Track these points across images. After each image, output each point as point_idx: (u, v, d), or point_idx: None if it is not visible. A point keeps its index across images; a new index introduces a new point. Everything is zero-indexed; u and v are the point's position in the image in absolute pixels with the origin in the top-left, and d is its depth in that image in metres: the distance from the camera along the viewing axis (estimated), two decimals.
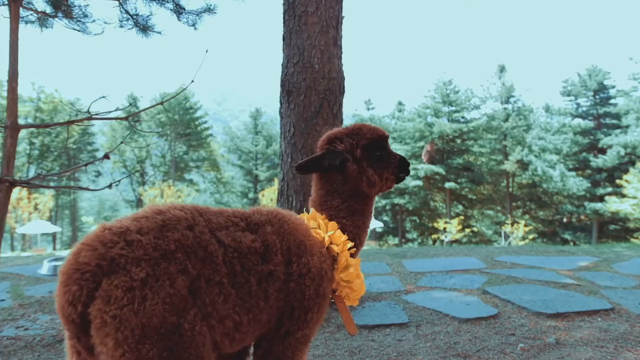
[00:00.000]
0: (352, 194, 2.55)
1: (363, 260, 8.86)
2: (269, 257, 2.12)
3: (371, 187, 2.54)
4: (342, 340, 4.94)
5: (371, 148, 2.55)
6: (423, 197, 51.63)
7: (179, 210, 2.02)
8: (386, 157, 2.59)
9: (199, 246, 1.93)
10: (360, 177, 2.51)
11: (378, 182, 2.54)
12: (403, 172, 2.65)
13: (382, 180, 2.55)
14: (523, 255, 9.26)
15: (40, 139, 55.68)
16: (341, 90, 5.95)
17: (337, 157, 2.50)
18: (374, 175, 2.52)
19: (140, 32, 6.13)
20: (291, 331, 2.20)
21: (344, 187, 2.54)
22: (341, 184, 2.54)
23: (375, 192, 2.57)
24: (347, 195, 2.54)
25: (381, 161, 2.57)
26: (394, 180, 2.61)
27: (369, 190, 2.54)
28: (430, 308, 5.81)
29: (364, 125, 2.62)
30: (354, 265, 2.43)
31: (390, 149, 2.65)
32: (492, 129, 49.76)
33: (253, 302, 2.03)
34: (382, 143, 2.59)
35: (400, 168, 2.63)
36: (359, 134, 2.57)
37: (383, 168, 2.56)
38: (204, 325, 1.87)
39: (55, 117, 54.27)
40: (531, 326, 5.13)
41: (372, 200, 2.64)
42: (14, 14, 4.99)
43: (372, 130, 2.59)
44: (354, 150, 2.53)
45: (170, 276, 1.80)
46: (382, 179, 2.55)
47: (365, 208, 2.60)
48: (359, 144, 2.54)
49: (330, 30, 5.87)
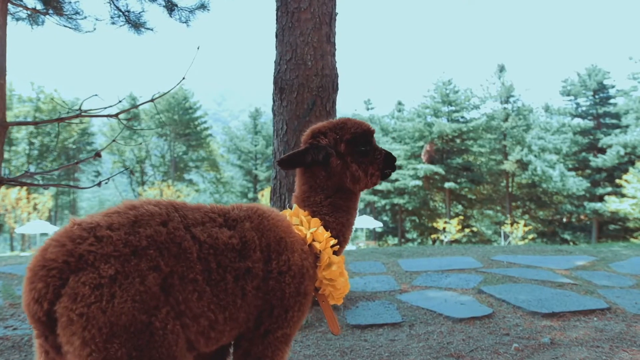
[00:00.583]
0: (336, 190, 2.48)
1: (358, 260, 8.81)
2: (246, 253, 2.06)
3: (355, 182, 2.47)
4: (333, 340, 4.88)
5: (355, 143, 2.48)
6: (423, 197, 51.57)
7: (153, 205, 1.96)
8: (371, 152, 2.53)
9: (173, 242, 1.87)
10: (344, 173, 2.45)
11: (363, 177, 2.47)
12: (389, 168, 2.57)
13: (366, 176, 2.49)
14: (520, 254, 9.20)
15: (40, 139, 55.65)
16: (334, 87, 5.89)
17: (321, 151, 2.44)
18: (358, 170, 2.46)
19: (132, 29, 6.07)
20: (271, 330, 2.14)
21: (328, 182, 2.47)
22: (324, 180, 2.47)
23: (359, 188, 2.50)
24: (331, 191, 2.48)
25: (366, 156, 2.50)
26: (379, 176, 2.54)
27: (353, 186, 2.48)
28: (425, 308, 5.75)
29: (349, 119, 2.55)
30: (337, 263, 2.37)
31: (375, 144, 2.59)
32: (492, 129, 49.69)
33: (229, 300, 1.97)
34: (367, 138, 2.52)
35: (385, 163, 2.56)
36: (343, 128, 2.50)
37: (368, 163, 2.50)
38: (177, 323, 1.82)
39: (55, 116, 54.20)
40: (526, 326, 5.07)
41: (357, 197, 2.58)
42: (2, 9, 4.92)
43: (356, 124, 2.52)
44: (337, 144, 2.47)
45: (141, 273, 1.74)
46: (367, 175, 2.49)
47: (350, 204, 2.53)
48: (343, 138, 2.47)
49: (324, 26, 5.80)
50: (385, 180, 2.64)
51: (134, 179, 64.02)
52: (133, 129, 4.82)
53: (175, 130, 64.22)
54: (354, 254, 9.86)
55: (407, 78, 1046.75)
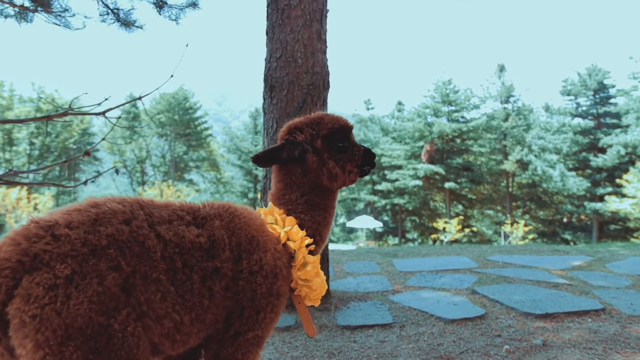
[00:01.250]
0: (312, 188, 2.41)
1: (353, 260, 8.74)
2: (215, 253, 1.99)
3: (332, 180, 2.40)
4: (322, 341, 4.81)
5: (333, 139, 2.41)
6: (423, 197, 51.43)
7: (117, 203, 1.90)
8: (349, 149, 2.46)
9: (135, 241, 1.81)
10: (320, 169, 2.38)
11: (340, 174, 2.40)
12: (367, 165, 2.50)
13: (344, 173, 2.42)
14: (516, 254, 9.12)
15: (41, 139, 55.65)
16: (325, 85, 5.81)
17: (297, 148, 2.37)
18: (336, 167, 2.39)
19: (122, 26, 6.00)
20: (241, 332, 2.08)
21: (304, 179, 2.40)
22: (300, 177, 2.41)
23: (337, 185, 2.43)
24: (307, 188, 2.41)
25: (344, 153, 2.43)
26: (358, 173, 2.47)
27: (330, 183, 2.41)
28: (417, 308, 5.68)
29: (326, 114, 2.48)
30: (313, 263, 2.30)
31: (354, 140, 2.51)
32: (492, 129, 49.51)
33: (196, 300, 1.90)
34: (344, 133, 2.44)
35: (364, 160, 2.49)
36: (319, 123, 2.43)
37: (346, 160, 2.43)
38: (139, 325, 1.75)
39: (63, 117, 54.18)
40: (518, 327, 4.99)
41: (334, 195, 2.51)
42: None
43: (334, 120, 2.45)
44: (314, 140, 2.40)
45: (100, 273, 1.68)
46: (345, 172, 2.42)
47: (327, 202, 2.46)
48: (319, 134, 2.40)
49: (314, 23, 5.73)
50: (363, 177, 2.56)
51: (134, 179, 64.09)
52: (122, 127, 4.76)
53: (176, 131, 64.18)
54: (349, 254, 9.80)
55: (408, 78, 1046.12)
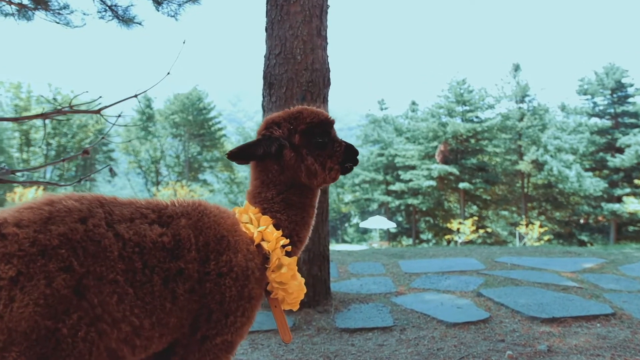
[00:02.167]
0: (290, 186, 2.29)
1: (358, 261, 8.60)
2: (179, 253, 1.88)
3: (312, 177, 2.27)
4: (319, 344, 4.69)
5: (311, 134, 2.28)
6: (437, 197, 51.09)
7: (74, 200, 1.79)
8: (330, 145, 2.31)
9: (91, 240, 1.70)
10: (298, 166, 2.25)
11: (320, 172, 2.26)
12: (350, 162, 2.36)
13: (324, 170, 2.27)
14: (525, 256, 8.90)
15: (57, 140, 56.33)
16: (325, 82, 5.69)
17: (273, 143, 2.25)
18: (315, 164, 2.25)
19: (121, 23, 5.95)
20: (209, 336, 1.96)
21: (280, 177, 2.28)
22: (277, 174, 2.28)
23: (317, 183, 2.30)
24: (284, 186, 2.28)
25: (323, 149, 2.29)
26: (339, 170, 2.33)
27: (309, 181, 2.28)
28: (419, 311, 5.52)
29: (305, 108, 2.35)
30: (288, 265, 2.17)
31: (335, 135, 2.38)
32: (507, 129, 48.98)
33: (157, 303, 1.79)
34: (324, 128, 2.31)
35: (346, 157, 2.34)
36: (298, 118, 2.30)
37: (326, 156, 2.29)
38: (92, 330, 1.64)
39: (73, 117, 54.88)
40: (523, 332, 4.82)
41: (314, 193, 2.37)
42: None
43: (313, 114, 2.32)
44: (292, 136, 2.27)
45: (48, 275, 1.57)
46: (325, 169, 2.28)
47: (305, 201, 2.33)
48: (297, 129, 2.27)
49: (314, 19, 5.61)
50: (345, 174, 2.42)
51: (149, 179, 64.60)
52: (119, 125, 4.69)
53: (190, 131, 64.52)
54: (355, 255, 9.65)
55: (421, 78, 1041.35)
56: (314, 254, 5.78)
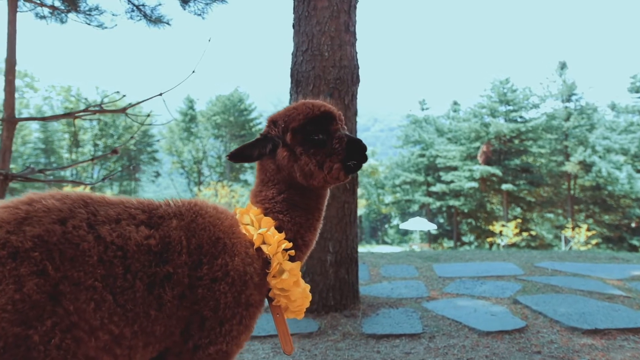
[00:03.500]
0: (290, 185, 2.12)
1: (391, 264, 8.37)
2: (168, 257, 1.75)
3: (308, 178, 2.05)
4: (344, 350, 4.52)
5: (306, 131, 2.06)
6: (479, 199, 49.97)
7: (56, 200, 1.69)
8: (329, 142, 2.07)
9: (69, 243, 1.60)
10: (291, 167, 2.06)
11: (316, 172, 2.03)
12: (354, 159, 2.07)
13: (322, 170, 2.03)
14: (568, 261, 8.45)
15: (104, 141, 58.16)
16: (354, 79, 5.52)
17: (268, 143, 2.11)
18: (309, 164, 2.03)
19: (149, 23, 5.97)
20: (201, 345, 1.82)
21: (277, 176, 2.13)
22: (274, 173, 2.13)
23: (316, 183, 2.07)
24: (284, 185, 2.12)
25: (321, 147, 2.05)
26: (341, 169, 2.05)
27: (306, 182, 2.07)
28: (450, 318, 5.28)
29: (304, 103, 2.15)
30: (290, 271, 2.01)
31: (338, 130, 2.11)
32: (552, 129, 47.39)
33: (139, 310, 1.67)
34: (321, 124, 2.07)
35: (349, 154, 2.06)
36: (291, 114, 2.11)
37: (324, 155, 2.04)
38: (68, 337, 1.54)
39: (118, 119, 56.67)
40: (562, 343, 4.51)
41: (320, 194, 2.17)
42: (12, 6, 4.90)
43: (308, 109, 2.09)
44: (285, 134, 2.10)
45: (19, 279, 1.48)
46: (323, 169, 2.03)
47: (309, 202, 2.14)
48: (288, 127, 2.08)
49: (342, 15, 5.45)
50: (352, 173, 2.13)
51: (191, 179, 65.90)
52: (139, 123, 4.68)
53: (231, 132, 65.43)
54: (388, 257, 9.41)
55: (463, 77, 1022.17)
56: (342, 256, 5.61)
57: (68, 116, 5.16)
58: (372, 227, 74.63)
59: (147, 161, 63.65)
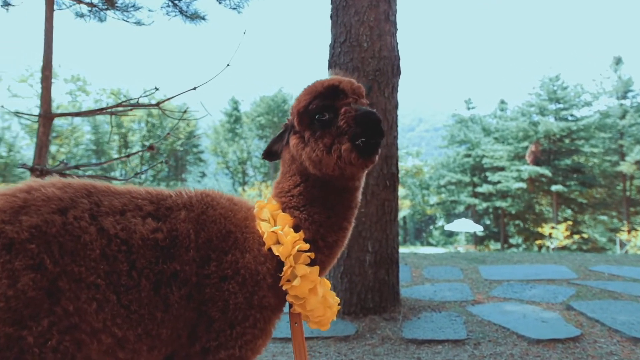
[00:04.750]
0: (307, 177, 1.84)
1: (435, 265, 8.04)
2: (175, 252, 1.58)
3: (318, 166, 1.75)
4: (382, 355, 4.28)
5: (309, 112, 1.77)
6: (527, 200, 48.47)
7: (57, 188, 1.55)
8: (335, 120, 1.72)
9: (69, 235, 1.45)
10: (299, 154, 1.81)
11: (325, 158, 1.71)
12: (362, 137, 1.67)
13: (329, 154, 1.70)
14: (627, 265, 7.89)
15: (151, 142, 59.76)
16: (395, 71, 5.28)
17: (285, 133, 1.93)
18: (317, 149, 1.72)
19: (186, 19, 5.91)
20: (210, 349, 1.64)
21: (292, 166, 1.88)
22: (290, 162, 1.90)
23: (330, 172, 1.74)
24: (301, 177, 1.85)
25: (328, 127, 1.73)
26: (350, 149, 1.67)
27: (318, 171, 1.77)
28: (497, 323, 4.95)
29: (314, 83, 1.85)
30: (304, 276, 1.74)
31: (346, 106, 1.73)
32: (606, 127, 45.39)
33: (144, 312, 1.51)
34: (326, 101, 1.75)
35: (358, 130, 1.67)
36: (299, 97, 1.85)
37: (332, 136, 1.71)
38: (67, 339, 1.39)
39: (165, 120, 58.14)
40: (623, 355, 4.12)
41: (343, 187, 1.83)
42: (48, 2, 4.92)
43: (312, 87, 1.82)
44: (294, 119, 1.85)
45: (13, 273, 1.34)
46: (330, 152, 1.70)
47: (330, 197, 1.83)
48: (295, 110, 1.84)
49: (382, 3, 5.22)
50: (369, 155, 1.69)
51: (236, 179, 66.90)
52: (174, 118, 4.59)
53: (275, 133, 66.16)
54: (431, 258, 9.07)
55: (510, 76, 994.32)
56: (381, 256, 5.36)
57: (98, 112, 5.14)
58: (416, 228, 73.64)
59: (193, 162, 65.02)
